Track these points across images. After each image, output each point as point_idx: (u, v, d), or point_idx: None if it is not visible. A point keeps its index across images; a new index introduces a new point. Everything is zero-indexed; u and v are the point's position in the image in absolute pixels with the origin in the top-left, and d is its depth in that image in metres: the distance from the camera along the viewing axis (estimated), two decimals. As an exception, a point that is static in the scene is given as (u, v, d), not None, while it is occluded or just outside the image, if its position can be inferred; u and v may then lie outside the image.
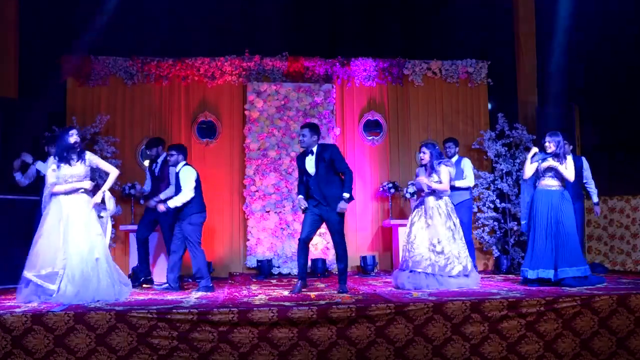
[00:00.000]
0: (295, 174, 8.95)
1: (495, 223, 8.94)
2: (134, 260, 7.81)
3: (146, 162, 8.10)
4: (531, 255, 6.32)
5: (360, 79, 9.28)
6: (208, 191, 8.82)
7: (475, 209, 9.02)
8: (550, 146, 6.38)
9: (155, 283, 7.28)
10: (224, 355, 4.70)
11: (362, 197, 9.13)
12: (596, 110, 9.29)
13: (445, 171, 6.42)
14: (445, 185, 6.39)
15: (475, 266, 6.80)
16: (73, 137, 5.76)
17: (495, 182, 8.99)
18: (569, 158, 6.40)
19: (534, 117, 9.07)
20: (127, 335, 4.68)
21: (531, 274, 6.24)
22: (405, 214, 9.03)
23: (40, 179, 6.98)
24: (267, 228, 8.82)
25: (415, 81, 9.39)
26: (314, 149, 6.24)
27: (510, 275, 8.04)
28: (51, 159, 5.85)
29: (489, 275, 8.03)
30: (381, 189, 8.99)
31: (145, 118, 8.88)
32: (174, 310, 4.79)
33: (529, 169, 6.41)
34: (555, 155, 6.36)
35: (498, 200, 8.93)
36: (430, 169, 6.44)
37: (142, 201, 8.11)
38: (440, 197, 6.41)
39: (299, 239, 6.26)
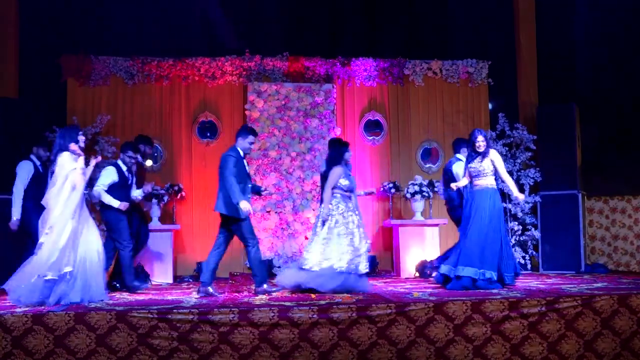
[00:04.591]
0: (296, 174, 8.95)
1: (496, 223, 8.91)
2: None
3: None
4: None
5: (360, 79, 9.27)
6: (208, 191, 8.86)
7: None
8: (482, 145, 6.44)
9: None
10: (224, 356, 4.68)
11: (363, 197, 9.09)
12: (597, 110, 9.29)
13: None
14: None
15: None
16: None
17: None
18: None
19: (534, 117, 9.06)
20: (127, 335, 4.66)
21: None
22: (405, 214, 9.02)
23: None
24: (267, 228, 8.81)
25: (415, 81, 9.38)
26: None
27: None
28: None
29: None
30: (382, 189, 8.97)
31: (146, 118, 8.87)
32: (174, 310, 4.78)
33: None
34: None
35: (499, 201, 8.90)
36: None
37: None
38: None
39: None
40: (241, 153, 6.21)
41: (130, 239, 6.67)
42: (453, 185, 6.59)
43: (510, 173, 8.93)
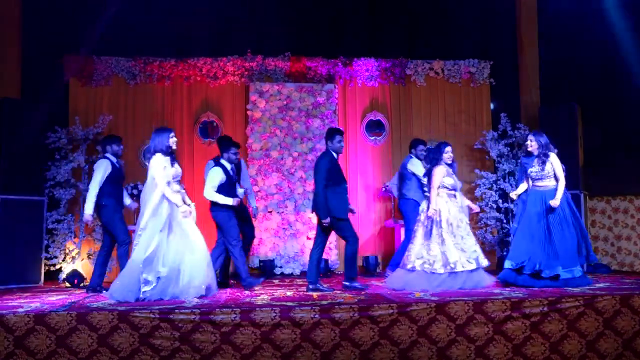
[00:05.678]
0: (298, 174, 8.94)
1: (498, 223, 8.92)
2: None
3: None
4: None
5: (362, 79, 9.27)
6: (210, 191, 8.87)
7: (478, 209, 8.99)
8: (533, 145, 6.49)
9: None
10: (226, 357, 4.68)
11: (364, 198, 9.12)
12: (599, 110, 9.25)
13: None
14: None
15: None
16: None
17: (498, 182, 8.97)
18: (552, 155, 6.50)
19: (536, 117, 9.04)
20: (129, 335, 4.67)
21: None
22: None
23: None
24: (269, 228, 8.81)
25: (417, 81, 9.37)
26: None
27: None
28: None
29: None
30: (383, 189, 8.97)
31: (148, 118, 8.87)
32: (176, 310, 4.79)
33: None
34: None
35: (500, 201, 8.91)
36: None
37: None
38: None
39: None
40: (335, 155, 6.35)
41: (238, 237, 6.70)
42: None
43: (511, 173, 8.94)
